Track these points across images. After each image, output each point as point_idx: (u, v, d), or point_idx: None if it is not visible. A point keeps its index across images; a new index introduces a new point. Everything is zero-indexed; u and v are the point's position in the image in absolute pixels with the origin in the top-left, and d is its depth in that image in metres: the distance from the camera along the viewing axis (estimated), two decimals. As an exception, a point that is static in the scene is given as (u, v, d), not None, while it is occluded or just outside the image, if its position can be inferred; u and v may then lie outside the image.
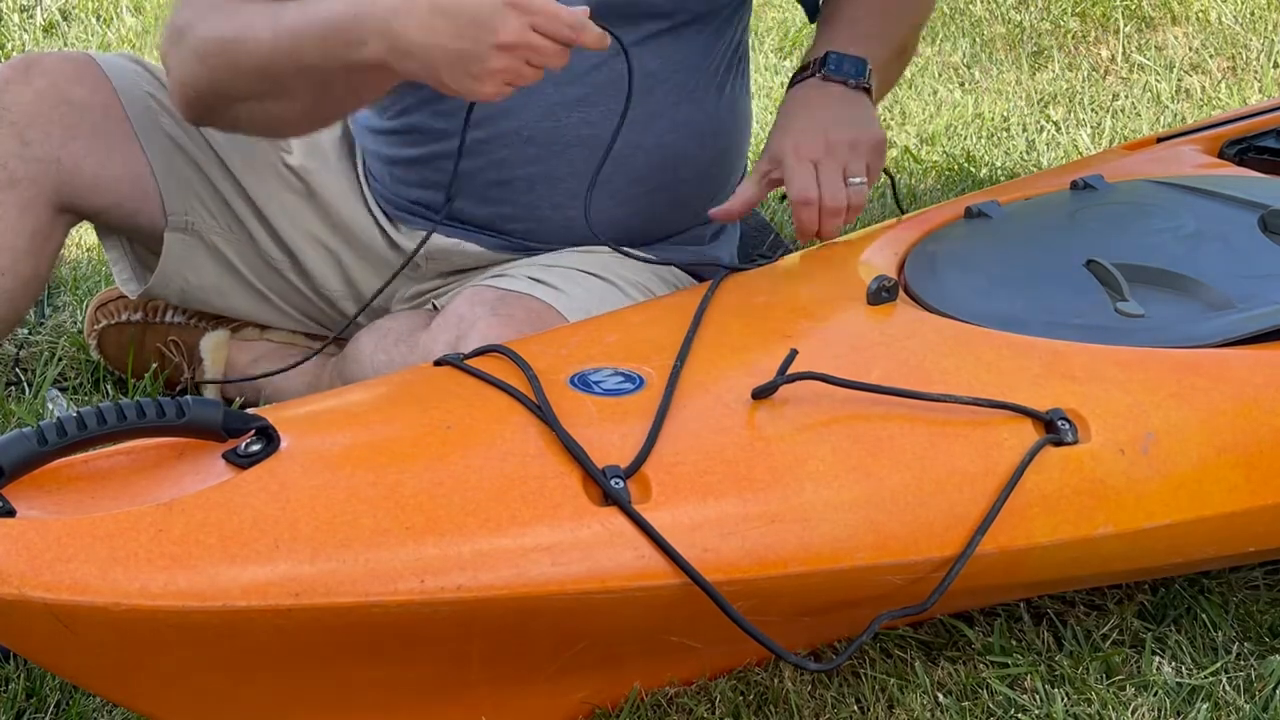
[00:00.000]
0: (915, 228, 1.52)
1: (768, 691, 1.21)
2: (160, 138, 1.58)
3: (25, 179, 1.51)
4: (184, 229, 1.61)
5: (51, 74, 1.54)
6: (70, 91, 1.54)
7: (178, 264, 1.62)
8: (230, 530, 0.93)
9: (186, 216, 1.61)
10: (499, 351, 1.18)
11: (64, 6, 3.46)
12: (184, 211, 1.60)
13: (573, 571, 1.00)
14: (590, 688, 1.16)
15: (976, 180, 2.62)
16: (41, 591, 0.88)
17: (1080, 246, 1.43)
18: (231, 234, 1.63)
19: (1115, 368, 1.23)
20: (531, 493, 1.02)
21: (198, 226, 1.62)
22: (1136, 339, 1.28)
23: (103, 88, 1.56)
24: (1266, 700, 1.22)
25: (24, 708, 1.18)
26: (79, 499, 0.96)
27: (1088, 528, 1.17)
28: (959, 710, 1.20)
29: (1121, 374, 1.23)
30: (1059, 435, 1.16)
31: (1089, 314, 1.32)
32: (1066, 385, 1.21)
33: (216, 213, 1.62)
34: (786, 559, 1.06)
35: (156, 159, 1.58)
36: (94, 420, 0.94)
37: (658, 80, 1.53)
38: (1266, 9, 3.52)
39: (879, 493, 1.10)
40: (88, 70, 1.57)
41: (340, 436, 1.07)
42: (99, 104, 1.56)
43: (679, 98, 1.57)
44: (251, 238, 1.63)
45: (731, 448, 1.09)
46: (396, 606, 0.95)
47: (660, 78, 1.54)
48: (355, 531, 0.96)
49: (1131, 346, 1.26)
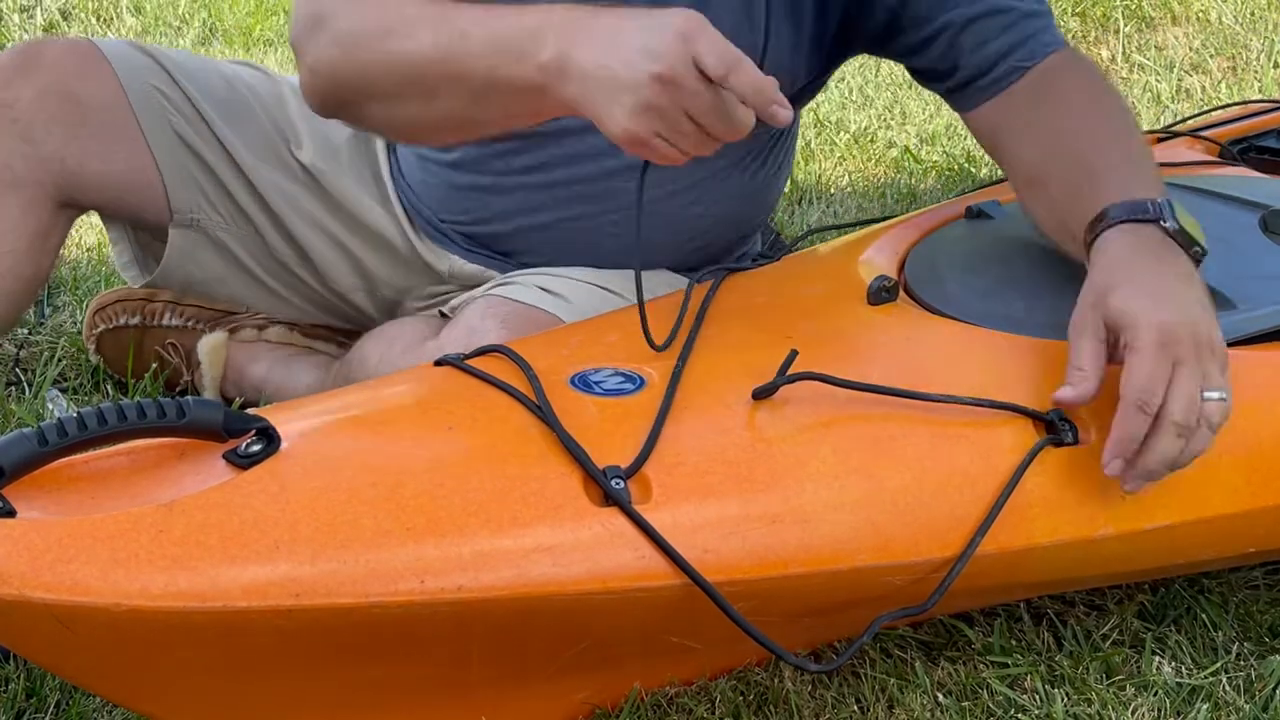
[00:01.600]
0: (916, 228, 1.52)
1: (768, 691, 1.22)
2: (166, 135, 1.56)
3: (29, 179, 1.48)
4: (189, 225, 1.59)
5: (55, 68, 1.50)
6: (75, 87, 1.50)
7: (182, 259, 1.61)
8: (231, 531, 0.93)
9: (192, 213, 1.59)
10: (500, 352, 1.18)
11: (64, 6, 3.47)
12: (189, 209, 1.59)
13: (573, 572, 1.00)
14: (590, 688, 1.16)
15: (976, 180, 2.62)
16: (42, 592, 0.88)
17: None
18: (238, 229, 1.62)
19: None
20: (532, 493, 1.02)
21: (203, 223, 1.60)
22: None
23: (108, 83, 1.53)
24: (1266, 700, 1.22)
25: (24, 708, 1.18)
26: (80, 499, 0.95)
27: (1088, 529, 1.17)
28: (959, 710, 1.20)
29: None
30: (1059, 436, 1.16)
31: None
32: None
33: (222, 209, 1.60)
34: (787, 560, 1.06)
35: (162, 156, 1.55)
36: (94, 421, 0.94)
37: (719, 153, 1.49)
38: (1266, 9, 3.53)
39: (880, 493, 1.10)
40: (92, 63, 1.53)
41: (341, 437, 1.07)
42: (104, 100, 1.52)
43: (736, 169, 1.56)
44: (259, 233, 1.62)
45: (732, 448, 1.09)
46: (397, 607, 0.95)
47: (721, 151, 1.51)
48: (356, 532, 0.96)
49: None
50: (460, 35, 1.22)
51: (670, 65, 1.10)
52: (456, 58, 1.22)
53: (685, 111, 1.11)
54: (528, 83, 1.18)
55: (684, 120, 1.11)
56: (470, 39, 1.22)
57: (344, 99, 1.35)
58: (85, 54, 1.53)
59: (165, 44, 3.38)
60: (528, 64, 1.17)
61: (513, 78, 1.19)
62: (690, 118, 1.11)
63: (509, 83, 1.20)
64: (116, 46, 1.56)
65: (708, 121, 1.12)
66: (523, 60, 1.18)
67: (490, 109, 1.25)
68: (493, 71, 1.20)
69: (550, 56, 1.16)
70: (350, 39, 1.30)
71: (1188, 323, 1.14)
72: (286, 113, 1.63)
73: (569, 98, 1.16)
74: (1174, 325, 1.14)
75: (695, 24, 1.11)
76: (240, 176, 1.59)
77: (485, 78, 1.21)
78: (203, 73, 1.60)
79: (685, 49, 1.10)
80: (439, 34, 1.24)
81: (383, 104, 1.32)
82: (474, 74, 1.22)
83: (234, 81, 1.62)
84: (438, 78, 1.25)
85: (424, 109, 1.29)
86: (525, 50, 1.18)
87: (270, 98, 1.63)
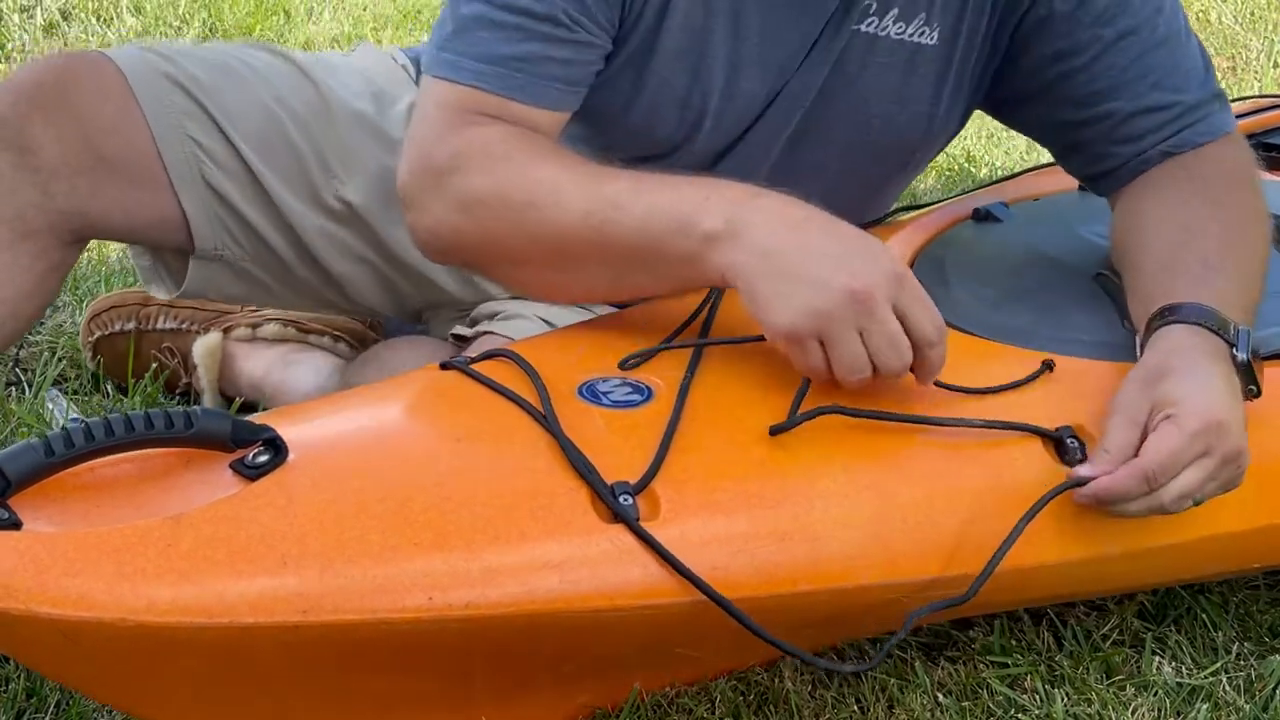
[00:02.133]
0: (923, 230, 1.50)
1: (768, 692, 1.21)
2: (197, 186, 1.44)
3: (44, 230, 1.37)
4: (212, 259, 1.49)
5: (83, 117, 1.36)
6: (103, 143, 1.37)
7: (203, 285, 1.52)
8: (238, 545, 0.93)
9: (216, 250, 1.49)
10: (507, 356, 1.16)
11: (64, 6, 3.45)
12: (214, 247, 1.48)
13: (581, 589, 0.99)
14: (592, 692, 1.16)
15: (976, 180, 2.61)
16: (48, 607, 0.87)
17: (1089, 258, 1.43)
18: (263, 261, 1.51)
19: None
20: (540, 508, 1.01)
21: (226, 257, 1.50)
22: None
23: (140, 135, 1.39)
24: (1266, 700, 1.22)
25: (24, 708, 1.18)
26: (85, 510, 0.95)
27: (1095, 547, 1.16)
28: (959, 710, 1.20)
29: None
30: (1068, 453, 1.16)
31: (1096, 329, 1.31)
32: (1075, 402, 1.20)
33: (249, 246, 1.49)
34: (796, 577, 1.05)
35: (191, 206, 1.44)
36: (101, 432, 0.94)
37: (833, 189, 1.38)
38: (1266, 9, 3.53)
39: (889, 511, 1.10)
40: (124, 113, 1.39)
41: (348, 447, 1.06)
42: (134, 156, 1.40)
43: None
44: (286, 265, 1.52)
45: (741, 464, 1.08)
46: (405, 624, 0.95)
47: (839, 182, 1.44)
48: (364, 547, 0.95)
49: (1141, 363, 1.26)
50: (613, 206, 1.17)
51: (871, 287, 1.08)
52: (609, 229, 1.16)
53: (860, 331, 1.09)
54: (687, 253, 1.14)
55: (855, 339, 1.09)
56: (625, 210, 1.16)
57: (468, 260, 1.29)
58: (116, 99, 1.39)
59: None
60: (691, 234, 1.13)
61: (673, 248, 1.15)
62: (862, 339, 1.09)
63: (666, 253, 1.15)
64: (149, 83, 1.41)
65: (879, 348, 1.10)
66: (685, 230, 1.14)
67: (638, 279, 1.20)
68: (654, 243, 1.15)
69: (717, 226, 1.12)
70: (483, 205, 1.21)
71: (1231, 429, 1.13)
72: (332, 136, 1.49)
73: (726, 265, 1.12)
74: (1218, 425, 1.12)
75: (908, 273, 1.11)
76: (274, 216, 1.49)
77: (640, 248, 1.16)
78: (242, 103, 1.46)
79: (892, 287, 1.09)
80: (590, 204, 1.17)
81: (515, 267, 1.26)
82: (628, 245, 1.17)
83: (275, 107, 1.47)
84: (586, 248, 1.18)
85: (562, 276, 1.23)
86: (689, 220, 1.14)
87: (314, 119, 1.49)
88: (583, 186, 1.18)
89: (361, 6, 3.81)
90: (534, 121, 1.25)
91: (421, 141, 1.25)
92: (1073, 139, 1.42)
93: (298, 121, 1.48)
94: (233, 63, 1.48)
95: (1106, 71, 1.36)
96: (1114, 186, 1.41)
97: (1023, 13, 1.37)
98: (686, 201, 1.15)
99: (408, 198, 1.26)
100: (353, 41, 3.56)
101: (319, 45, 3.50)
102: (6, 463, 0.91)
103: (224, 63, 1.48)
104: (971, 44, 1.39)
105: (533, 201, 1.19)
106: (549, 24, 1.24)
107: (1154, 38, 1.36)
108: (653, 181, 1.18)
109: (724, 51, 1.34)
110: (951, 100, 1.42)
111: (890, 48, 1.36)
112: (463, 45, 1.25)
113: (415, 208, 1.25)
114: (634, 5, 1.30)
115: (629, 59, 1.34)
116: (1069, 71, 1.37)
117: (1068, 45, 1.37)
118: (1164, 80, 1.37)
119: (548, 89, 1.26)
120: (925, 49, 1.37)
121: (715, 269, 1.13)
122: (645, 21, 1.31)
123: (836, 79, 1.37)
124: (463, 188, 1.21)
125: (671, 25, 1.32)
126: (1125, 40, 1.36)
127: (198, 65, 1.45)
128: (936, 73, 1.39)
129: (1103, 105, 1.37)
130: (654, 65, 1.34)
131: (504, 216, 1.20)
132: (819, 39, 1.35)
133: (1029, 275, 1.42)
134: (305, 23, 3.63)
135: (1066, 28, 1.36)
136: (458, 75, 1.25)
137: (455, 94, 1.24)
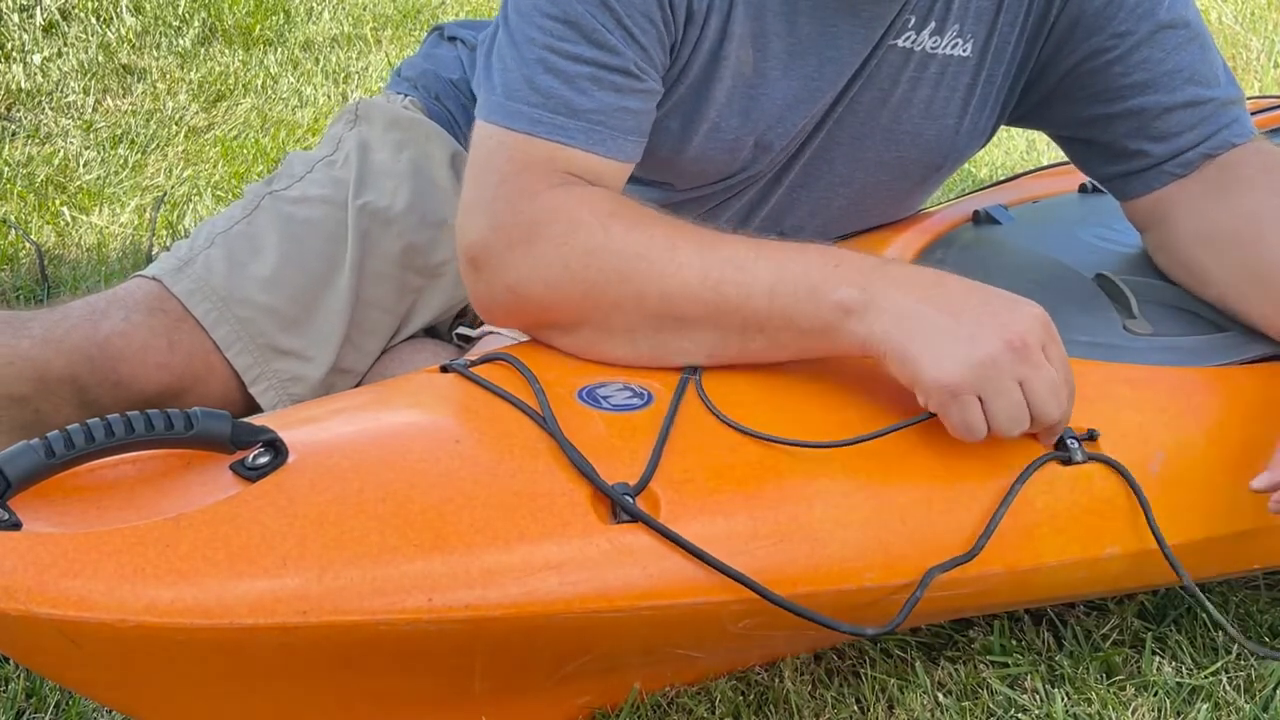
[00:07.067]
0: (923, 232, 1.51)
1: (768, 691, 1.22)
2: (259, 365, 1.43)
3: None
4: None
5: (140, 379, 1.36)
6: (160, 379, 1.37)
7: None
8: (238, 546, 0.93)
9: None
10: (507, 361, 1.17)
11: (64, 6, 3.45)
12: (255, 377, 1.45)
13: (581, 590, 0.99)
14: (592, 692, 1.16)
15: (976, 180, 2.62)
16: (48, 608, 0.88)
17: (1089, 259, 1.43)
18: None
19: (1124, 386, 1.23)
20: (540, 509, 1.01)
21: None
22: (1145, 357, 1.27)
23: (218, 372, 1.40)
24: (1266, 700, 1.22)
25: (24, 708, 1.18)
26: (85, 511, 0.95)
27: (1095, 548, 1.16)
28: (959, 710, 1.20)
29: (1130, 392, 1.23)
30: (1068, 454, 1.16)
31: (1097, 331, 1.31)
32: (1075, 403, 1.20)
33: None
34: (795, 578, 1.05)
35: (246, 375, 1.43)
36: (102, 433, 0.94)
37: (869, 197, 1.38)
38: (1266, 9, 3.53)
39: (888, 512, 1.10)
40: (194, 359, 1.39)
41: (348, 449, 1.06)
42: (195, 373, 1.40)
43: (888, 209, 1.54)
44: None
45: (740, 465, 1.09)
46: (405, 625, 0.95)
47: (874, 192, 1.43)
48: (364, 548, 0.95)
49: (1140, 364, 1.26)
50: (735, 268, 1.13)
51: (1025, 334, 1.08)
52: (728, 290, 1.12)
53: (1020, 381, 1.08)
54: (820, 323, 1.11)
55: (1016, 390, 1.08)
56: (748, 272, 1.12)
57: (552, 320, 1.20)
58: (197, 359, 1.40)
59: (165, 44, 3.38)
60: (822, 303, 1.10)
61: (803, 317, 1.11)
62: (1022, 389, 1.09)
63: (795, 321, 1.12)
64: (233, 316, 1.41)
65: (1043, 397, 1.09)
66: (816, 299, 1.11)
67: (752, 344, 1.15)
68: (781, 310, 1.12)
69: (853, 296, 1.10)
70: (585, 259, 1.15)
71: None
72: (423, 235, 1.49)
73: (866, 334, 1.09)
74: None
75: (1049, 321, 1.11)
76: None
77: (763, 313, 1.13)
78: (309, 320, 1.45)
79: (1044, 333, 1.10)
80: (708, 265, 1.13)
81: (604, 333, 1.18)
82: (750, 309, 1.13)
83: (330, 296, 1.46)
84: (700, 309, 1.14)
85: (660, 337, 1.17)
86: (819, 289, 1.11)
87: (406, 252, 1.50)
88: (698, 246, 1.14)
89: (361, 6, 3.82)
90: (605, 173, 1.22)
91: (505, 199, 1.19)
92: (1102, 135, 1.39)
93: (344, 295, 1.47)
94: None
95: (1142, 65, 1.34)
96: (1143, 189, 1.38)
97: (1053, 20, 1.36)
98: (815, 269, 1.12)
99: (484, 255, 1.19)
100: (353, 42, 3.56)
101: (319, 45, 3.50)
102: (6, 464, 0.92)
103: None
104: (1001, 56, 1.38)
105: (644, 255, 1.14)
106: (619, 74, 1.21)
107: (1188, 32, 1.35)
108: (771, 247, 1.14)
109: (777, 91, 1.33)
110: (978, 114, 1.41)
111: (923, 61, 1.36)
112: (534, 96, 1.21)
113: (494, 266, 1.19)
114: (683, 53, 1.28)
115: (676, 105, 1.32)
116: (1103, 65, 1.36)
117: (1102, 40, 1.35)
118: (1198, 75, 1.35)
119: (624, 141, 1.23)
120: (957, 61, 1.37)
121: (854, 339, 1.10)
122: (695, 70, 1.30)
123: (870, 94, 1.37)
124: (559, 239, 1.16)
125: (724, 74, 1.30)
126: (1161, 34, 1.34)
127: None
128: (966, 85, 1.39)
129: (1137, 99, 1.35)
130: (705, 111, 1.33)
131: (613, 273, 1.15)
132: (867, 60, 1.34)
133: (1029, 277, 1.42)
134: (305, 23, 3.63)
135: (1100, 23, 1.34)
136: (533, 129, 1.20)
137: (532, 148, 1.20)
